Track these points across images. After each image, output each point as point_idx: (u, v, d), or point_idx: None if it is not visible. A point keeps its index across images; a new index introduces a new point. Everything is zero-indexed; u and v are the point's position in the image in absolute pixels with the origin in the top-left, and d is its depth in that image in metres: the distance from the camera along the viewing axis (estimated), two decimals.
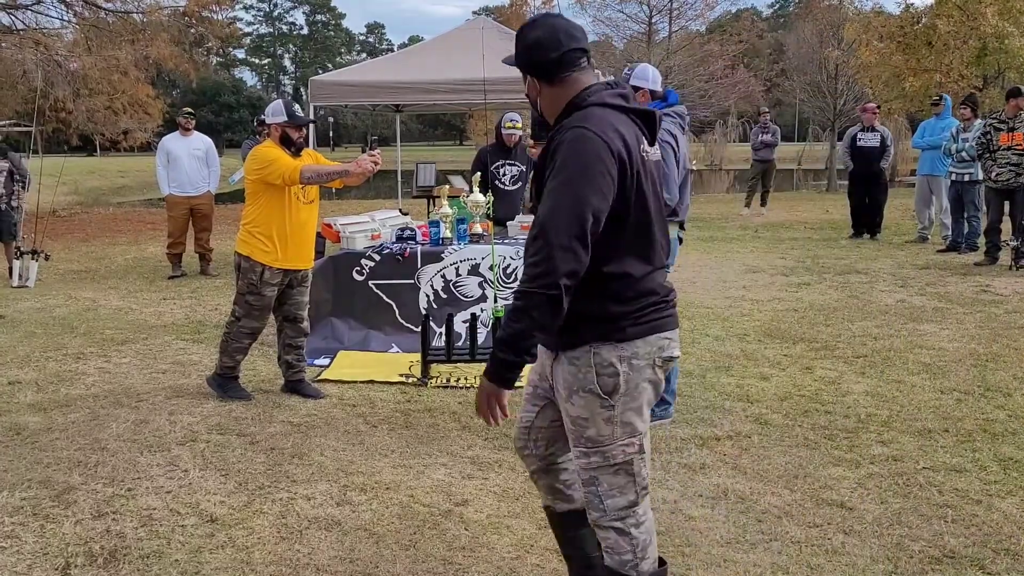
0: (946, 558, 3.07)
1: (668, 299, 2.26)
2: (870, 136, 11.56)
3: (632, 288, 2.15)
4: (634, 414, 2.20)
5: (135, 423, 4.58)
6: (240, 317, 4.92)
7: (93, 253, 11.77)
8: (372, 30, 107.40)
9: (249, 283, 4.84)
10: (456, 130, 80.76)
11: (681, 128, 4.47)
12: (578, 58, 2.23)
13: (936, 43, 17.84)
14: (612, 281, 2.11)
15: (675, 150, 4.34)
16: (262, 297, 4.87)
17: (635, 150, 2.14)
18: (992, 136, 9.12)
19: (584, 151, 2.06)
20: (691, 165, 4.63)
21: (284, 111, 4.81)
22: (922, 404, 4.77)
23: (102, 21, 18.01)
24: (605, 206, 2.06)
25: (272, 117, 4.84)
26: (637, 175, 2.13)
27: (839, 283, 8.50)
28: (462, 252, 6.11)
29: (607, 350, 2.14)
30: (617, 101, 2.19)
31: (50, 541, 3.25)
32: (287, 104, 4.86)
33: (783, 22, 66.29)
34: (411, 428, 4.50)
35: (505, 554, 3.14)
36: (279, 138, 4.82)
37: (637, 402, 2.20)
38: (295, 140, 4.82)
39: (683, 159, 4.44)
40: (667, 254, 2.30)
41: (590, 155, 2.06)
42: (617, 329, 2.12)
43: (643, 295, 2.16)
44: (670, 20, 25.22)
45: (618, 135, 2.11)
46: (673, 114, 4.45)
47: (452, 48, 10.20)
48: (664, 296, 2.24)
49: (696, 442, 4.25)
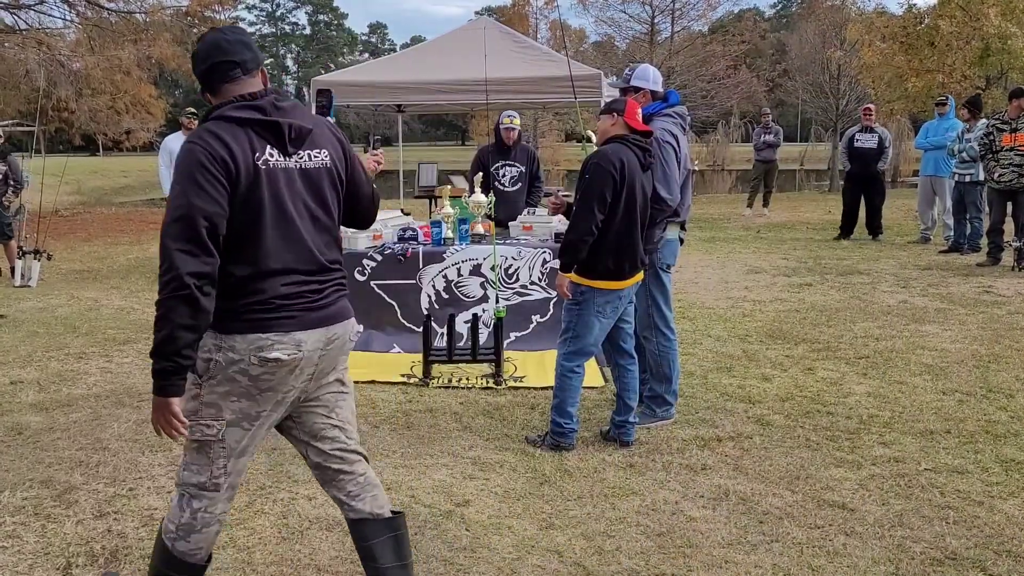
0: (948, 560, 3.06)
1: (288, 303, 2.32)
2: (868, 137, 11.54)
3: (236, 287, 2.27)
4: (220, 399, 2.33)
5: (137, 423, 4.58)
6: None
7: (95, 253, 11.79)
8: (375, 30, 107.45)
9: None
10: (458, 130, 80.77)
11: (682, 128, 4.45)
12: (227, 70, 2.34)
13: (939, 44, 17.83)
14: (224, 279, 2.25)
15: (676, 150, 4.34)
16: None
17: (246, 159, 2.25)
18: (995, 137, 9.11)
19: (188, 161, 2.21)
20: (692, 165, 4.65)
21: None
22: (924, 405, 4.76)
23: (105, 21, 18.03)
24: (217, 208, 2.19)
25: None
26: (251, 183, 2.25)
27: (841, 284, 8.49)
28: (464, 252, 6.11)
29: (209, 336, 2.29)
30: (240, 114, 2.28)
31: (51, 541, 3.25)
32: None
33: (785, 22, 66.22)
34: (412, 428, 4.50)
35: (506, 555, 3.14)
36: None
37: (224, 388, 2.32)
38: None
39: (684, 159, 4.43)
40: (311, 260, 2.37)
41: (192, 163, 2.20)
42: (220, 321, 2.27)
43: (247, 295, 2.28)
44: (672, 20, 25.27)
45: (222, 144, 2.22)
46: (674, 114, 4.43)
47: (454, 48, 10.19)
48: (281, 299, 2.32)
49: (697, 443, 4.24)
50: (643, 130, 4.08)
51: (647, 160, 4.08)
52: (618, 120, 4.07)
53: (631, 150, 4.02)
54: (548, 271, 6.08)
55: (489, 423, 4.58)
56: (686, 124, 4.49)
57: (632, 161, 4.00)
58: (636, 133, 4.06)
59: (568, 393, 4.16)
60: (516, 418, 4.65)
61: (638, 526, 3.36)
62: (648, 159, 4.09)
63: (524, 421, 4.59)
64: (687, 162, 4.46)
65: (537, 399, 4.97)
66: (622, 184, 3.96)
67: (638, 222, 4.07)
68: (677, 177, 4.34)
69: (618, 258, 4.05)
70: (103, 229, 15.22)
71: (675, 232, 4.53)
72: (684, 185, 4.45)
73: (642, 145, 4.05)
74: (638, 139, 4.05)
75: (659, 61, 24.34)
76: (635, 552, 3.15)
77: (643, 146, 4.06)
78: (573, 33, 44.04)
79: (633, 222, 4.05)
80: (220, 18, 22.15)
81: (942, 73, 17.83)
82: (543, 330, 6.06)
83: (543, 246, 6.14)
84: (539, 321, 6.10)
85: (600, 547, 3.19)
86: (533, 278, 6.11)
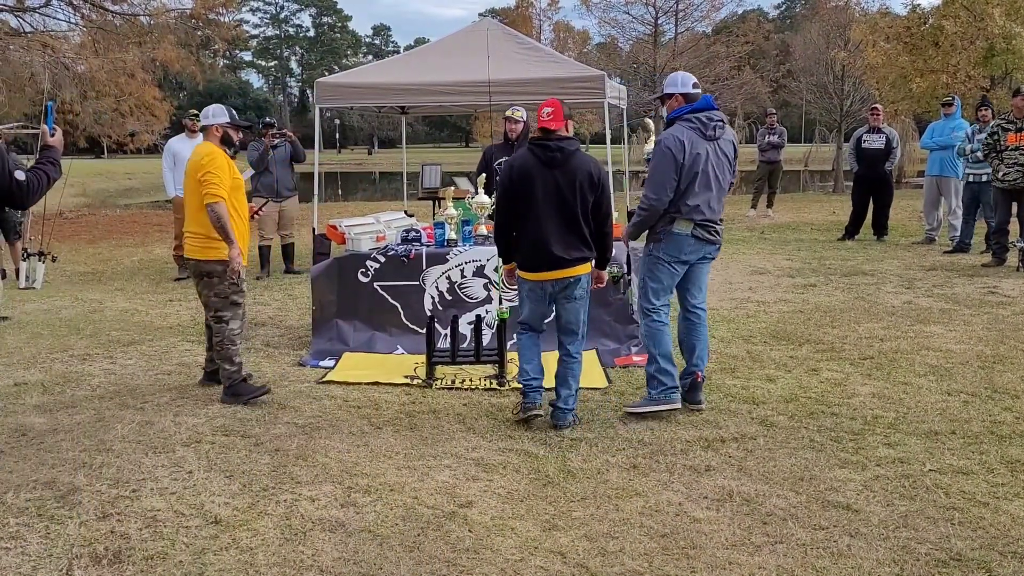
0: (953, 561, 3.05)
1: None
2: (875, 138, 11.49)
3: None
4: None
5: (140, 424, 4.59)
6: (228, 320, 5.00)
7: (100, 255, 11.81)
8: (378, 32, 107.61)
9: (231, 284, 4.95)
10: (462, 131, 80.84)
11: (701, 133, 4.51)
12: None
13: (943, 44, 17.77)
14: None
15: (674, 155, 4.41)
16: (243, 293, 5.08)
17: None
18: (1000, 136, 9.08)
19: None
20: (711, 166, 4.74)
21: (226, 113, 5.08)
22: (929, 406, 4.74)
23: (109, 24, 18.07)
24: None
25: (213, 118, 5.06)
26: None
27: (845, 285, 8.47)
28: (467, 254, 6.11)
29: None
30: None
31: (55, 542, 3.25)
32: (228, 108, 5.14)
33: (789, 23, 66.18)
34: (415, 430, 4.50)
35: (509, 556, 3.13)
36: (220, 139, 5.04)
37: None
38: (235, 142, 5.10)
39: (696, 161, 4.46)
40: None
41: None
42: None
43: None
44: (676, 21, 25.25)
45: None
46: (693, 119, 4.53)
47: (458, 50, 10.19)
48: None
49: (701, 444, 4.23)
50: (552, 129, 4.35)
51: (547, 157, 4.34)
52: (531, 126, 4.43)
53: (532, 153, 4.36)
54: None
55: (492, 424, 4.57)
56: (708, 128, 4.53)
57: (530, 162, 4.35)
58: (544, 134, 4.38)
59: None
60: (515, 418, 4.63)
61: (641, 527, 3.35)
62: (548, 156, 4.34)
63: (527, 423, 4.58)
64: (702, 164, 4.48)
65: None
66: (511, 185, 4.39)
67: (548, 217, 4.35)
68: (665, 180, 4.45)
69: (530, 252, 4.44)
70: (107, 231, 15.25)
71: (685, 227, 4.54)
72: (690, 185, 4.48)
73: (545, 145, 4.34)
74: (541, 141, 4.37)
75: (663, 62, 24.33)
76: (638, 553, 3.14)
77: (546, 146, 4.34)
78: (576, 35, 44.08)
79: (538, 217, 4.35)
80: (224, 20, 22.17)
81: (946, 73, 17.77)
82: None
83: None
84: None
85: (603, 548, 3.18)
86: None
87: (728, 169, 4.67)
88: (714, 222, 4.61)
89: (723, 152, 4.60)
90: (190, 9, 19.80)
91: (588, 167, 4.36)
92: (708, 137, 4.52)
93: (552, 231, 4.32)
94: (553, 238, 4.33)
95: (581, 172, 4.32)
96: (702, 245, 4.61)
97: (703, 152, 4.49)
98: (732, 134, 4.73)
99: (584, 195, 4.33)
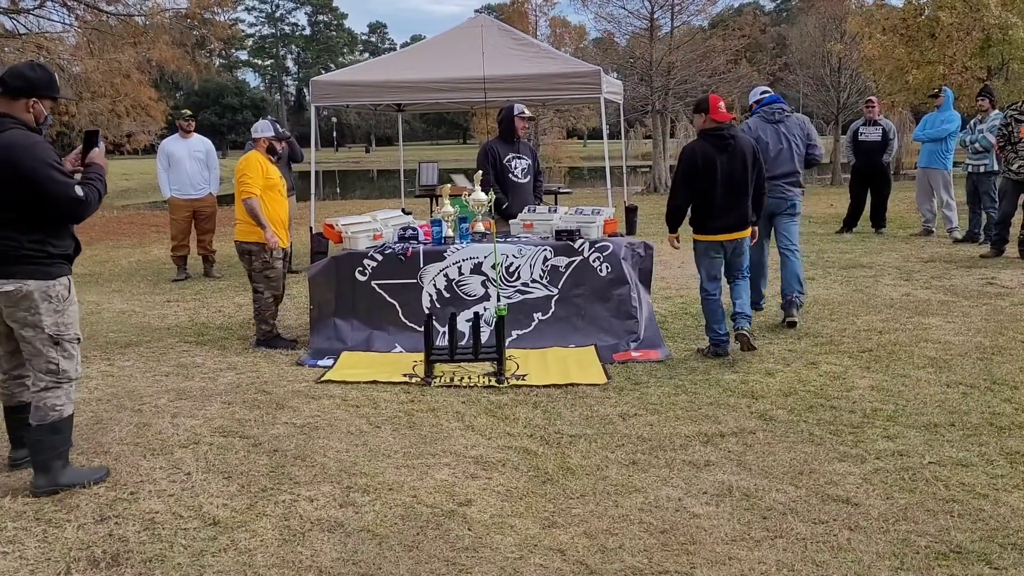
0: (953, 553, 3.05)
1: None
2: (872, 130, 11.46)
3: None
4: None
5: (138, 426, 4.58)
6: (262, 291, 6.19)
7: (97, 256, 11.79)
8: (374, 30, 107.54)
9: (263, 261, 6.12)
10: (459, 129, 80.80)
11: (768, 120, 6.44)
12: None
13: (939, 35, 17.74)
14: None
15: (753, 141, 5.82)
16: (276, 269, 6.18)
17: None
18: (1013, 128, 9.04)
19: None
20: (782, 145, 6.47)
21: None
22: (928, 398, 4.74)
23: (104, 24, 18.03)
24: None
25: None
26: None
27: (844, 277, 8.47)
28: (465, 251, 6.10)
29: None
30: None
31: (52, 546, 3.24)
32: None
33: (786, 16, 66.10)
34: (414, 428, 4.49)
35: (508, 554, 3.13)
36: (266, 148, 6.30)
37: None
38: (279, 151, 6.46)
39: (772, 144, 6.38)
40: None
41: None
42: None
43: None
44: (672, 15, 25.19)
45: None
46: (762, 112, 6.47)
47: (453, 47, 10.18)
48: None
49: (700, 439, 4.23)
50: (723, 121, 5.49)
51: (722, 144, 5.46)
52: (706, 118, 5.50)
53: (709, 142, 5.47)
54: (549, 268, 6.07)
55: (491, 422, 4.57)
56: (775, 116, 6.44)
57: (708, 150, 5.47)
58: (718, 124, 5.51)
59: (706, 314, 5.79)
60: (518, 417, 4.63)
61: (641, 523, 3.34)
62: (723, 143, 5.47)
63: (526, 419, 4.58)
64: (779, 143, 6.40)
65: (539, 397, 4.95)
66: (703, 168, 5.45)
67: (728, 191, 5.51)
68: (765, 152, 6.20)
69: (707, 218, 5.58)
70: (105, 232, 15.23)
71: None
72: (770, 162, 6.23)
73: (720, 135, 5.47)
74: (716, 131, 5.49)
75: (659, 57, 24.29)
76: (638, 550, 3.14)
77: (721, 135, 5.48)
78: (573, 30, 44.02)
79: (719, 192, 5.49)
80: (220, 19, 22.13)
81: (943, 65, 17.74)
82: (545, 328, 6.05)
83: (544, 243, 6.12)
84: (540, 319, 6.09)
85: (603, 545, 3.18)
86: (534, 276, 6.10)
87: (796, 143, 6.45)
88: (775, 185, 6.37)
89: (787, 133, 6.45)
90: (185, 8, 19.78)
91: (749, 148, 5.54)
92: (771, 121, 6.44)
93: (731, 202, 5.50)
94: (730, 207, 5.52)
95: (747, 152, 5.51)
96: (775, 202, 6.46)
97: (764, 134, 6.43)
98: (800, 118, 6.57)
99: (748, 171, 5.52)
